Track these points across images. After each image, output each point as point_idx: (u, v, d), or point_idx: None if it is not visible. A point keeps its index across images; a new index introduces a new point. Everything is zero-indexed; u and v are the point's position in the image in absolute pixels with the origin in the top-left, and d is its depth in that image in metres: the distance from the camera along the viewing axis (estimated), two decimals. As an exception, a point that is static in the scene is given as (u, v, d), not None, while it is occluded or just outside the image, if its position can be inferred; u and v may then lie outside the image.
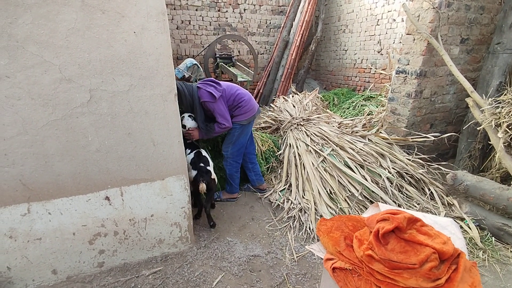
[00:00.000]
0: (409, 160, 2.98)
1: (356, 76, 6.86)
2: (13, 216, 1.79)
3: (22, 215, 1.81)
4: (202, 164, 2.41)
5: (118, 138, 1.94)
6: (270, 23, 8.09)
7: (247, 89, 7.39)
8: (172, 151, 2.10)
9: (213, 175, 2.48)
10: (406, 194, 2.75)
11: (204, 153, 2.59)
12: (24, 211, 1.81)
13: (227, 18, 7.70)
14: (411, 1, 3.16)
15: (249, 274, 2.06)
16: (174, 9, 7.14)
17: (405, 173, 2.86)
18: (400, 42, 5.42)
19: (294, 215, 2.67)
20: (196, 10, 7.36)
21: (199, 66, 5.79)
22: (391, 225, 1.04)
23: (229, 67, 6.05)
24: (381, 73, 5.80)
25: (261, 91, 7.48)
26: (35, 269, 1.91)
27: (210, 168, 2.48)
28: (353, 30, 6.77)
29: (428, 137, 3.07)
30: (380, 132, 3.26)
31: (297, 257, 2.22)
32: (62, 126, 1.78)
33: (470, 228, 2.39)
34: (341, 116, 4.54)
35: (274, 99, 6.87)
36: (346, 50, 7.13)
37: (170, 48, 1.98)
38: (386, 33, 5.83)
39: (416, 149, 3.15)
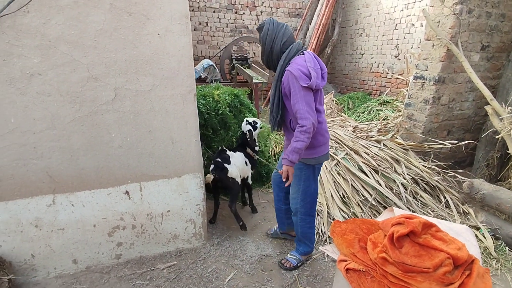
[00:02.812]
0: (425, 166, 2.95)
1: (372, 80, 6.81)
2: (39, 206, 1.88)
3: (47, 206, 1.90)
4: (218, 159, 2.45)
5: (139, 135, 2.01)
6: (286, 25, 8.12)
7: (261, 91, 7.47)
8: (189, 150, 2.16)
9: (232, 174, 2.42)
10: (421, 201, 2.73)
11: (233, 153, 2.60)
12: (50, 202, 1.90)
13: (243, 20, 7.79)
14: (432, 6, 3.14)
15: (261, 273, 2.09)
16: (192, 10, 7.27)
17: (420, 179, 2.84)
18: (419, 47, 5.35)
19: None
20: (214, 12, 7.47)
21: (215, 67, 5.89)
22: (406, 229, 1.05)
23: (245, 68, 6.10)
24: (397, 78, 5.74)
25: (275, 93, 7.52)
26: (57, 257, 2.00)
27: (230, 166, 2.43)
28: (370, 34, 6.72)
29: (445, 144, 3.03)
30: (396, 138, 3.24)
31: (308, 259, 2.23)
32: (87, 122, 1.87)
33: (485, 237, 2.35)
34: (356, 120, 4.52)
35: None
36: (362, 54, 7.08)
37: (192, 50, 2.04)
38: (404, 38, 5.77)
39: (432, 156, 3.12)
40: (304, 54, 1.73)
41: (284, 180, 1.80)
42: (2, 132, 1.72)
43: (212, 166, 2.44)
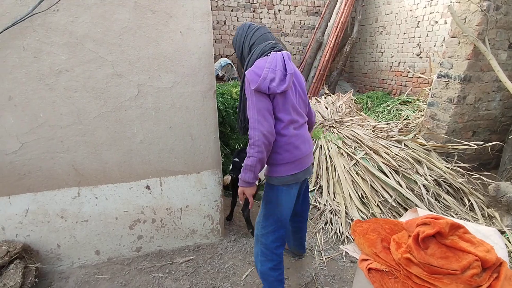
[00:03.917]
0: (448, 168, 2.85)
1: (392, 79, 6.65)
2: (65, 198, 1.96)
3: (72, 198, 1.97)
4: (237, 159, 2.46)
5: (160, 131, 2.05)
6: (304, 24, 8.06)
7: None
8: (208, 146, 2.19)
9: None
10: (444, 203, 2.64)
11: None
12: (75, 194, 1.97)
13: (261, 18, 7.78)
14: (458, 2, 3.03)
15: (278, 271, 2.09)
16: (211, 9, 7.34)
17: (443, 181, 2.75)
18: (442, 45, 5.18)
19: (325, 217, 2.65)
20: (232, 10, 7.50)
21: (233, 65, 5.91)
22: (432, 229, 1.02)
23: (262, 67, 6.09)
24: (419, 77, 5.58)
25: (292, 92, 7.47)
26: (81, 248, 2.07)
27: None
28: (391, 32, 6.56)
29: (470, 145, 2.92)
30: (418, 138, 3.15)
31: (326, 258, 2.21)
32: (111, 118, 1.92)
33: (510, 242, 2.26)
34: (375, 120, 4.43)
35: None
36: (382, 53, 6.93)
37: (212, 48, 2.06)
38: (427, 36, 5.59)
39: (456, 157, 3.01)
40: (269, 55, 1.49)
41: (241, 202, 1.58)
42: (31, 126, 1.80)
43: (231, 166, 2.46)
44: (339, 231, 2.48)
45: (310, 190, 3.10)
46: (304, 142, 1.56)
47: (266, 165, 1.56)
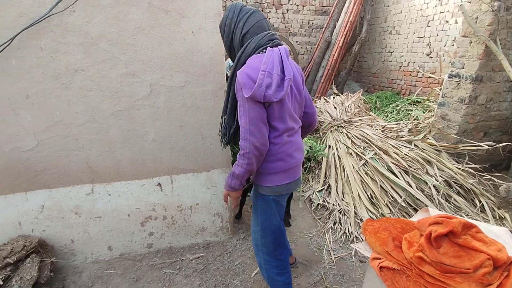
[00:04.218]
0: (459, 169, 2.83)
1: (401, 79, 6.59)
2: (79, 194, 2.00)
3: (86, 195, 2.01)
4: None
5: (171, 130, 2.08)
6: (312, 23, 8.04)
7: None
8: (218, 145, 2.21)
9: None
10: (454, 204, 2.62)
11: None
12: (89, 191, 2.01)
13: (269, 18, 7.78)
14: (469, 2, 3.00)
15: (287, 269, 2.10)
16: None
17: (454, 182, 2.73)
18: (453, 45, 5.12)
19: (333, 217, 2.66)
20: None
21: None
22: (445, 228, 1.02)
23: (270, 66, 6.10)
24: (429, 77, 5.52)
25: (300, 91, 7.46)
26: (94, 244, 2.12)
27: None
28: (401, 31, 6.51)
29: (482, 146, 2.89)
30: (428, 138, 3.13)
31: (335, 258, 2.22)
32: (124, 117, 1.96)
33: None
34: (385, 120, 4.40)
35: (312, 100, 6.83)
36: (391, 52, 6.88)
37: (223, 48, 2.08)
38: (437, 35, 5.53)
39: (467, 158, 2.98)
40: (265, 52, 1.30)
41: (226, 203, 1.53)
42: (48, 124, 1.84)
43: None
44: (348, 231, 2.49)
45: (318, 190, 3.11)
46: (297, 150, 1.44)
47: (258, 176, 1.45)
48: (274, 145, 1.35)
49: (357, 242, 2.35)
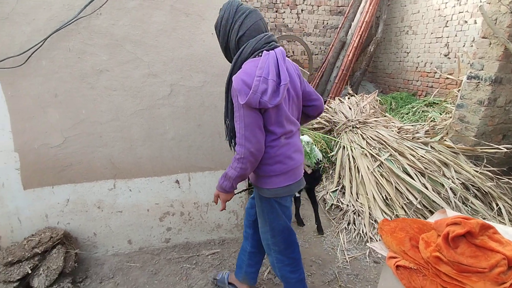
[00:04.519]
0: (477, 171, 2.78)
1: (417, 80, 6.49)
2: (102, 189, 2.09)
3: (109, 190, 2.10)
4: None
5: (190, 128, 2.14)
6: (327, 23, 8.01)
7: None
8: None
9: None
10: (471, 207, 2.58)
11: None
12: (111, 186, 2.10)
13: (283, 18, 7.80)
14: (488, 3, 2.94)
15: (300, 268, 2.13)
16: (234, 10, 7.43)
17: (471, 185, 2.68)
18: (472, 46, 5.02)
19: (347, 217, 2.66)
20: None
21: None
22: (463, 229, 1.03)
23: (285, 67, 6.12)
24: (447, 78, 5.42)
25: (313, 92, 7.45)
26: (115, 237, 2.21)
27: None
28: (418, 31, 6.41)
29: (501, 149, 2.83)
30: (445, 140, 3.08)
31: (349, 258, 2.23)
32: (146, 115, 2.04)
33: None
34: (400, 122, 4.36)
35: (326, 101, 6.81)
36: (408, 53, 6.77)
37: (241, 48, 2.13)
38: (456, 36, 5.42)
39: (485, 161, 2.93)
40: (261, 56, 1.27)
41: (215, 204, 1.50)
42: (74, 121, 1.93)
43: None
44: (362, 232, 2.49)
45: (332, 190, 3.12)
46: (296, 151, 1.43)
47: (255, 176, 1.45)
48: (271, 148, 1.34)
49: (365, 246, 2.36)
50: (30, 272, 1.81)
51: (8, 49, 1.75)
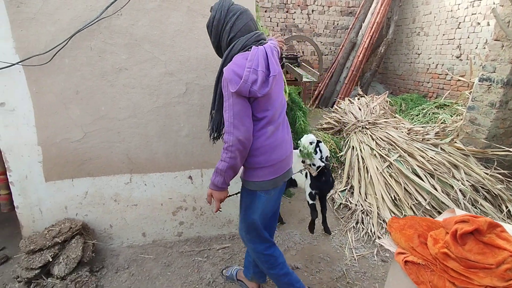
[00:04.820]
0: (487, 174, 2.78)
1: (428, 82, 6.45)
2: (118, 183, 2.17)
3: (125, 184, 2.18)
4: None
5: (203, 126, 2.20)
6: (337, 24, 8.01)
7: (310, 90, 7.46)
8: (247, 142, 2.31)
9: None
10: (481, 209, 2.58)
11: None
12: (127, 181, 2.18)
13: (294, 19, 7.84)
14: (501, 6, 2.94)
15: (309, 264, 2.18)
16: (245, 10, 7.49)
17: (481, 187, 2.69)
18: (484, 48, 4.97)
19: (356, 217, 2.70)
20: (265, 11, 7.63)
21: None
22: (471, 226, 1.07)
23: (295, 67, 6.17)
24: (458, 80, 5.38)
25: (322, 92, 7.48)
26: (130, 230, 2.29)
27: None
28: (429, 33, 6.37)
29: (511, 152, 2.82)
30: (455, 142, 3.09)
31: (357, 256, 2.27)
32: (162, 113, 2.11)
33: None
34: (411, 123, 4.36)
35: (335, 101, 6.82)
36: (419, 54, 6.74)
37: (255, 49, 2.18)
38: (468, 37, 5.38)
39: (495, 163, 2.92)
40: (250, 50, 1.32)
41: (209, 204, 1.54)
42: (94, 118, 2.02)
43: None
44: (371, 231, 2.52)
45: (341, 190, 3.15)
46: (282, 143, 1.46)
47: (245, 170, 1.48)
48: (258, 138, 1.37)
49: (373, 245, 2.39)
50: (51, 260, 1.90)
51: (34, 47, 1.83)
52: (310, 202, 2.39)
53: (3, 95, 1.87)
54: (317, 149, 2.29)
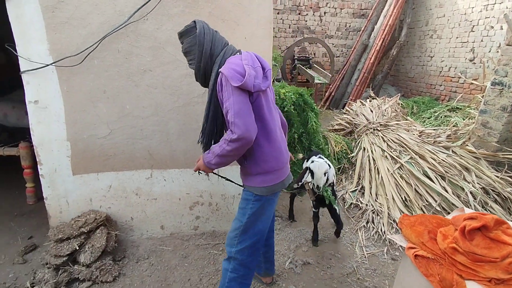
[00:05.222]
0: (498, 177, 2.80)
1: (441, 85, 6.43)
2: (140, 178, 2.29)
3: (146, 178, 2.30)
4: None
5: (221, 125, 2.31)
6: (349, 26, 8.04)
7: (321, 92, 7.51)
8: (262, 141, 2.40)
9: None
10: (490, 211, 2.61)
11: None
12: (148, 176, 2.30)
13: (306, 21, 7.90)
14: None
15: (320, 260, 2.25)
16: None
17: (492, 190, 2.71)
18: (498, 52, 4.95)
19: (366, 216, 2.76)
20: (278, 13, 7.71)
21: (277, 66, 6.12)
22: (479, 223, 1.14)
23: (306, 69, 6.23)
24: (471, 83, 5.36)
25: (332, 94, 7.52)
26: (149, 222, 2.40)
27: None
28: (442, 35, 6.35)
29: (524, 155, 2.84)
30: (467, 145, 3.11)
31: (367, 254, 2.33)
32: (182, 112, 2.22)
33: None
34: (422, 125, 4.38)
35: (346, 103, 6.86)
36: (431, 57, 6.72)
37: (271, 52, 2.28)
38: (482, 41, 5.36)
39: (506, 167, 2.94)
40: (241, 54, 1.42)
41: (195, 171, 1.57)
42: (119, 115, 2.14)
43: None
44: (381, 230, 2.58)
45: (351, 190, 3.22)
46: (283, 144, 1.52)
47: (250, 177, 1.47)
48: (269, 142, 1.41)
49: (388, 242, 2.45)
50: (77, 248, 2.03)
51: (66, 49, 1.97)
52: (313, 210, 2.42)
53: (37, 94, 2.01)
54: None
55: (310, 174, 2.25)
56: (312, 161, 2.30)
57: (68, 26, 1.95)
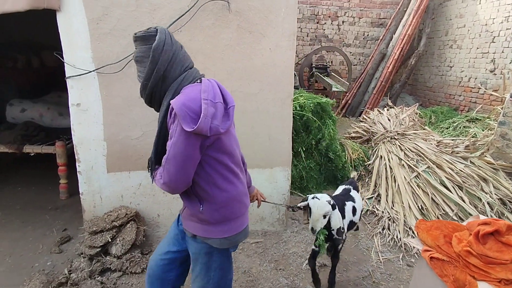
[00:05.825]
0: (516, 189, 2.81)
1: (460, 95, 6.38)
2: (168, 178, 2.44)
3: (173, 178, 2.45)
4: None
5: (244, 129, 2.44)
6: (367, 35, 8.09)
7: (339, 99, 7.56)
8: (282, 146, 2.53)
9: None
10: (509, 223, 2.63)
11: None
12: (175, 176, 2.45)
13: (324, 30, 8.01)
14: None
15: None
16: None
17: (509, 201, 2.73)
18: (521, 62, 4.91)
19: (382, 223, 2.81)
20: (296, 22, 7.85)
21: (296, 74, 6.25)
22: (492, 228, 1.21)
23: (324, 77, 6.33)
24: (491, 94, 5.31)
25: (349, 101, 7.56)
26: (174, 219, 2.55)
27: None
28: (463, 46, 6.32)
29: (544, 168, 2.84)
30: (485, 156, 3.13)
31: (383, 259, 2.39)
32: (209, 117, 2.36)
33: None
34: (440, 136, 4.39)
35: (362, 111, 6.89)
36: (451, 67, 6.69)
37: (294, 62, 2.41)
38: (503, 52, 5.32)
39: (526, 179, 2.94)
40: (201, 82, 1.18)
41: None
42: (151, 119, 2.30)
43: None
44: (397, 237, 2.63)
45: (368, 197, 3.27)
46: (245, 184, 1.34)
47: (207, 226, 1.20)
48: (234, 185, 1.21)
49: (405, 249, 2.50)
50: (110, 240, 2.19)
51: (107, 57, 2.16)
52: (314, 246, 1.98)
53: (79, 97, 2.21)
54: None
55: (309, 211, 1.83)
56: (314, 197, 1.81)
57: (110, 37, 2.14)
